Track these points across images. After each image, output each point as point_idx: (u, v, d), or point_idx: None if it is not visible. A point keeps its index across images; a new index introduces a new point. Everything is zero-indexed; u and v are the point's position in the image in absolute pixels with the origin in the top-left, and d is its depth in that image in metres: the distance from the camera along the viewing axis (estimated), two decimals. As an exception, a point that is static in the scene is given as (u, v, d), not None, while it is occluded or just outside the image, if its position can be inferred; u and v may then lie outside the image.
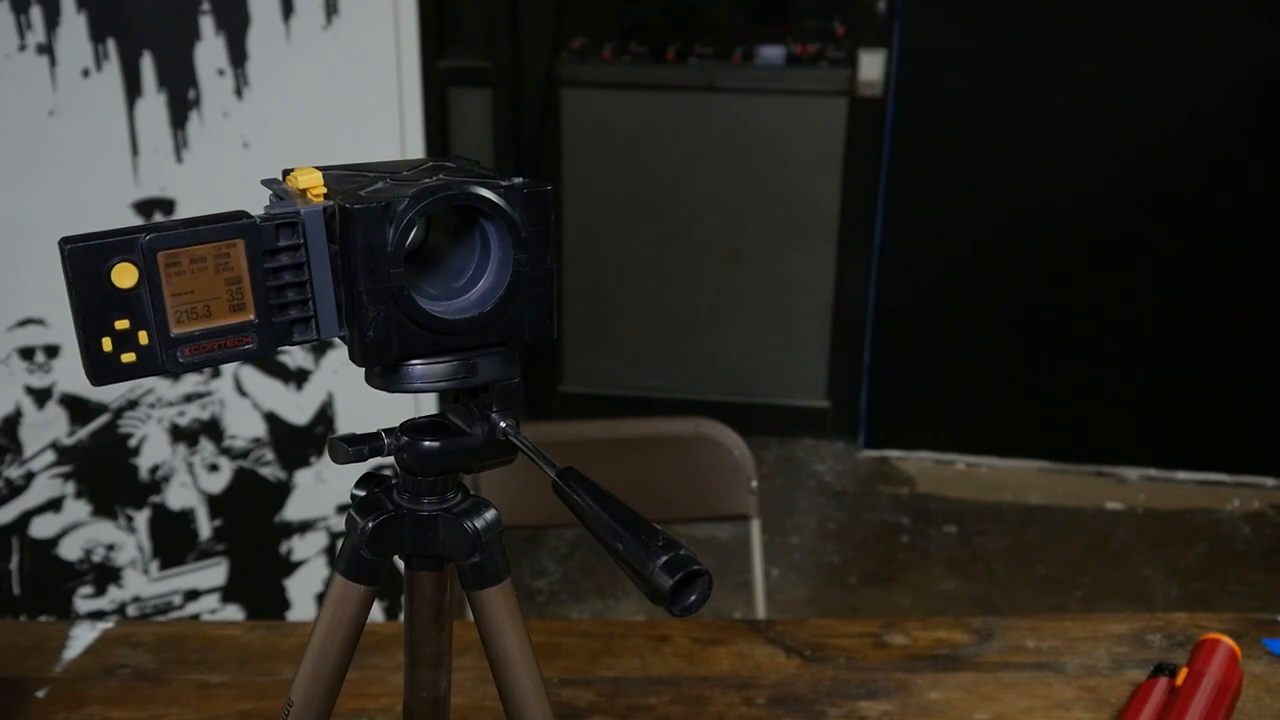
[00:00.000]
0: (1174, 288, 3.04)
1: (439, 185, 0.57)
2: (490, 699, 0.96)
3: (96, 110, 1.53)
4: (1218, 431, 3.13)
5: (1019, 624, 1.11)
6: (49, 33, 1.49)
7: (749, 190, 3.20)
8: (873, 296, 3.17)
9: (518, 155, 3.21)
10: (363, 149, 1.15)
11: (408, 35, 1.62)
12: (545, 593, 2.68)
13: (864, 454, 3.28)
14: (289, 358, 1.71)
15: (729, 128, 3.15)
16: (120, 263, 0.53)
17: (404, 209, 0.56)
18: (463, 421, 0.63)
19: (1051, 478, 3.16)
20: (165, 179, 1.58)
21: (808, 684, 1.02)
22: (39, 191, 1.53)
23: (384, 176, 0.60)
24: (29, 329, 1.59)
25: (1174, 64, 2.84)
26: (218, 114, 1.58)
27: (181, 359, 0.56)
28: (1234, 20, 2.80)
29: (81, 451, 1.65)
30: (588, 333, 3.37)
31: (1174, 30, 2.82)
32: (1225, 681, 0.95)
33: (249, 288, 0.56)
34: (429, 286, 0.60)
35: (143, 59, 1.54)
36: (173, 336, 0.55)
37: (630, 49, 3.19)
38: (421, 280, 0.59)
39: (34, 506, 1.65)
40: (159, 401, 1.67)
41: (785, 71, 3.11)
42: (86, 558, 1.69)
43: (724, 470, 1.56)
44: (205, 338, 0.56)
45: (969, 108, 2.97)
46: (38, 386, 1.61)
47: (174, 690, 1.02)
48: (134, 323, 0.54)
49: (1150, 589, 2.70)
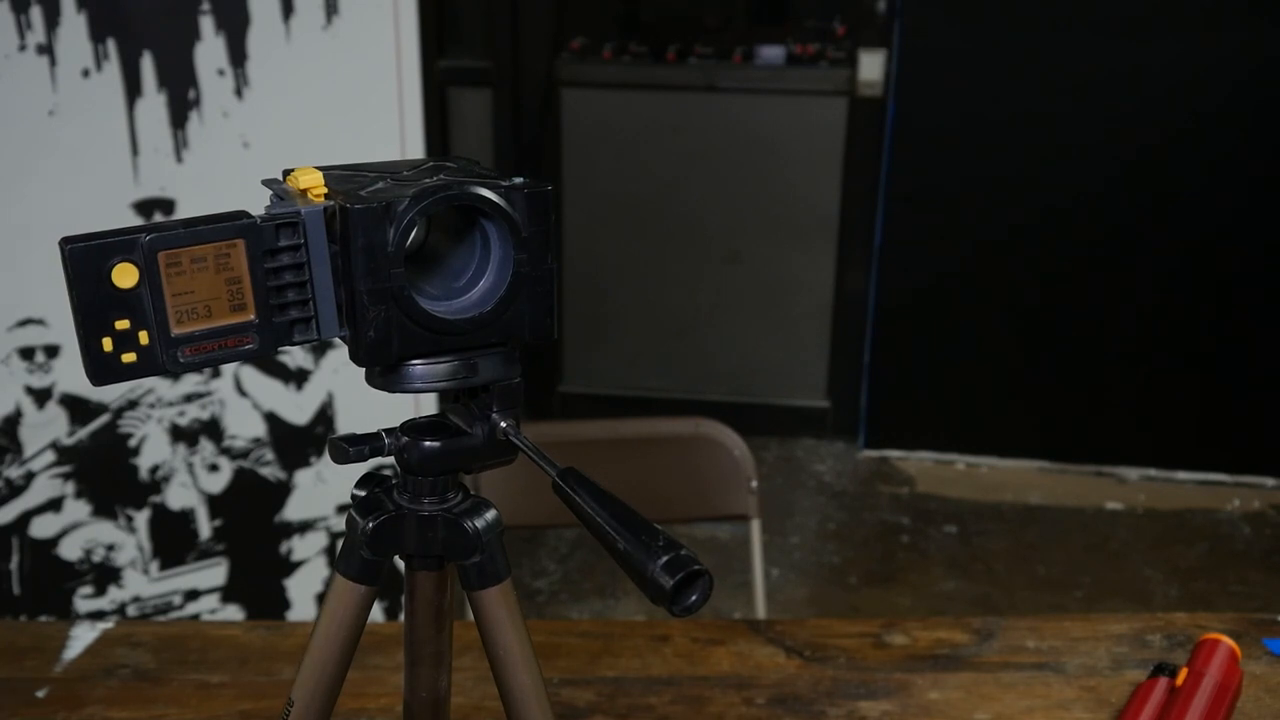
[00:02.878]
0: (1174, 288, 3.04)
1: (439, 185, 0.57)
2: (490, 699, 0.96)
3: (96, 110, 1.53)
4: (1218, 431, 3.13)
5: (1019, 624, 1.11)
6: (49, 33, 1.49)
7: (749, 190, 3.20)
8: (873, 296, 3.17)
9: (518, 155, 3.21)
10: (363, 149, 1.16)
11: (408, 35, 1.62)
12: (545, 593, 2.68)
13: (864, 454, 3.28)
14: (289, 358, 1.71)
15: (729, 128, 3.16)
16: (121, 263, 0.53)
17: (404, 209, 0.56)
18: (463, 421, 0.63)
19: (1051, 478, 3.16)
20: (165, 179, 1.58)
21: (808, 684, 1.02)
22: (39, 191, 1.53)
23: (384, 176, 0.60)
24: (29, 329, 1.59)
25: (1174, 64, 2.84)
26: (218, 114, 1.58)
27: (182, 359, 0.56)
28: (1234, 20, 2.81)
29: (81, 451, 1.65)
30: (588, 333, 3.37)
31: (1174, 30, 2.82)
32: (1225, 681, 0.95)
33: (249, 288, 0.56)
34: (429, 286, 0.60)
35: (143, 59, 1.54)
36: (173, 336, 0.55)
37: (630, 49, 3.19)
38: (422, 280, 0.59)
39: (34, 506, 1.65)
40: (159, 401, 1.67)
41: (785, 71, 3.11)
42: (86, 558, 1.69)
43: (724, 470, 1.56)
44: (206, 338, 0.56)
45: (969, 108, 2.96)
46: (38, 386, 1.61)
47: (174, 690, 1.02)
48: (134, 323, 0.54)
49: (1150, 589, 2.70)
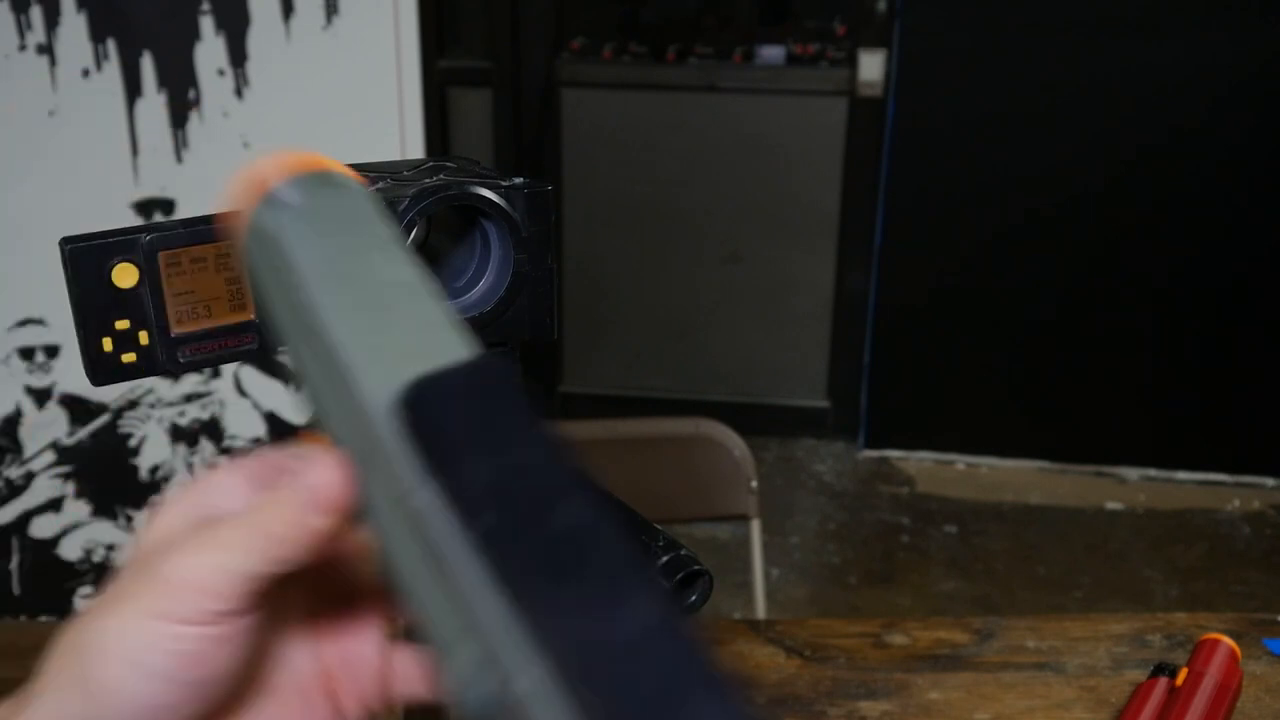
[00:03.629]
0: (1175, 287, 3.04)
1: (439, 185, 0.57)
2: (490, 699, 0.96)
3: (96, 110, 1.53)
4: (1218, 431, 3.13)
5: (1019, 624, 1.11)
6: (49, 33, 1.49)
7: (749, 190, 3.20)
8: (873, 296, 3.17)
9: (518, 155, 3.21)
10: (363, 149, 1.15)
11: (408, 35, 1.62)
12: (545, 593, 2.68)
13: (864, 454, 3.28)
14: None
15: (729, 128, 3.15)
16: (121, 263, 0.53)
17: (404, 209, 0.56)
18: (463, 421, 0.63)
19: (1051, 478, 3.16)
20: (165, 179, 1.58)
21: (808, 684, 1.02)
22: (39, 191, 1.53)
23: (384, 176, 0.60)
24: (29, 329, 1.59)
25: (1177, 63, 2.84)
26: (218, 114, 1.58)
27: (182, 359, 0.56)
28: (1240, 19, 2.80)
29: (81, 451, 1.65)
30: (588, 333, 3.37)
31: (1176, 29, 2.82)
32: (1225, 681, 0.95)
33: (249, 287, 0.56)
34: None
35: (143, 59, 1.54)
36: (173, 336, 0.55)
37: (630, 49, 3.19)
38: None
39: (34, 506, 1.65)
40: (159, 401, 1.67)
41: (785, 71, 3.11)
42: (86, 558, 1.69)
43: (724, 470, 1.56)
44: (206, 337, 0.56)
45: (969, 108, 2.96)
46: (38, 386, 1.61)
47: (174, 690, 1.01)
48: (134, 323, 0.54)
49: (1150, 589, 2.70)
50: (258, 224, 0.44)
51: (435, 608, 0.32)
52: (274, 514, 0.40)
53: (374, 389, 0.35)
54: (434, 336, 0.38)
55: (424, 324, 0.39)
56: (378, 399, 0.35)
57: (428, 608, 0.33)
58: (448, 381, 0.34)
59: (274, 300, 0.43)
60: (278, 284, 0.42)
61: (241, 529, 0.40)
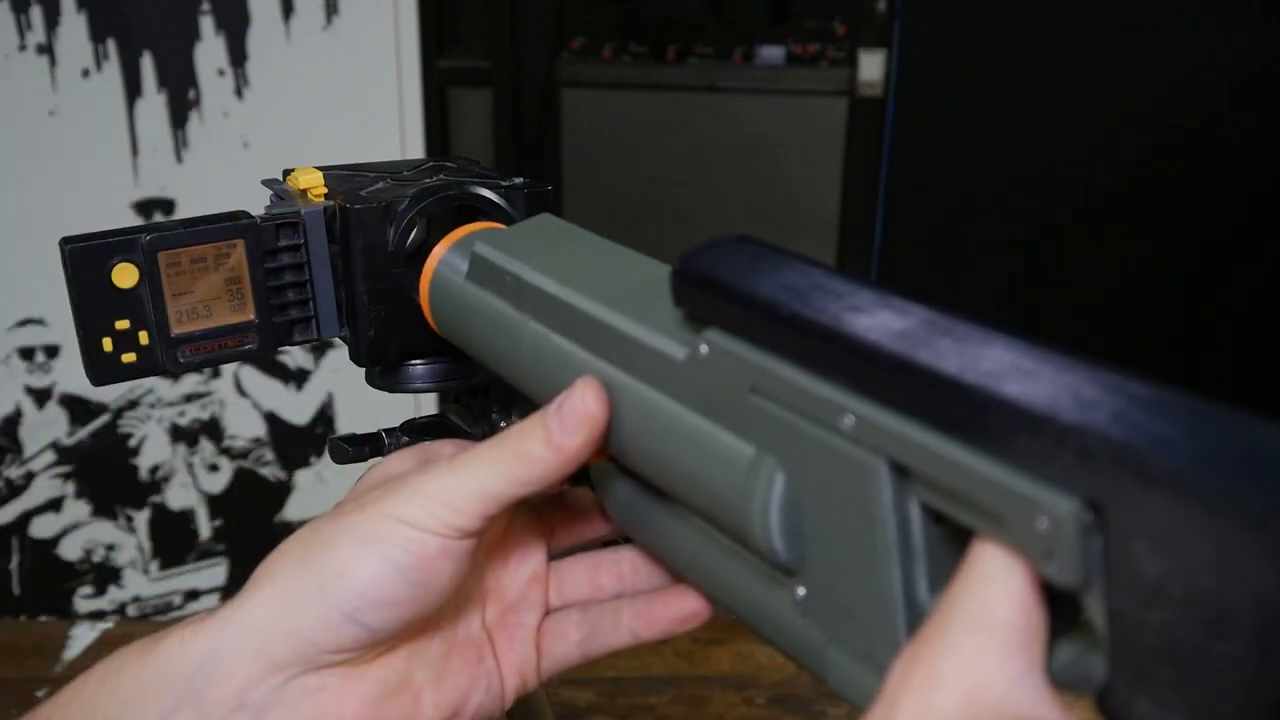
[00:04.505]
0: (1177, 288, 3.04)
1: (439, 185, 0.57)
2: (490, 699, 0.96)
3: (96, 110, 1.53)
4: (1218, 431, 3.13)
5: (1019, 624, 1.11)
6: (49, 33, 1.49)
7: (749, 190, 3.20)
8: (873, 296, 3.16)
9: (518, 155, 3.21)
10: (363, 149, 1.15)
11: (408, 35, 1.62)
12: (545, 593, 2.68)
13: (864, 454, 3.28)
14: (289, 358, 1.71)
15: (729, 128, 3.15)
16: (121, 263, 0.53)
17: (404, 209, 0.56)
18: (463, 421, 0.63)
19: (1051, 478, 3.16)
20: (165, 179, 1.58)
21: (808, 684, 1.02)
22: (39, 192, 1.53)
23: (384, 176, 0.60)
24: (29, 329, 1.59)
25: (1176, 63, 2.84)
26: (218, 114, 1.58)
27: (182, 359, 0.56)
28: (1238, 19, 2.81)
29: (81, 451, 1.65)
30: (588, 333, 3.37)
31: (1176, 29, 2.82)
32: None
33: (249, 288, 0.56)
34: (429, 286, 0.60)
35: (143, 59, 1.54)
36: (173, 336, 0.55)
37: (630, 49, 3.19)
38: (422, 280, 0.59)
39: (34, 506, 1.65)
40: (159, 401, 1.67)
41: (785, 71, 3.11)
42: (86, 558, 1.69)
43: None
44: (206, 338, 0.56)
45: (969, 108, 2.96)
46: (38, 386, 1.61)
47: (174, 690, 1.01)
48: (134, 323, 0.54)
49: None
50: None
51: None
52: (531, 435, 0.42)
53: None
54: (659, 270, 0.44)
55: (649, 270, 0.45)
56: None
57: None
58: (703, 249, 0.39)
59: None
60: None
61: (497, 451, 0.43)
